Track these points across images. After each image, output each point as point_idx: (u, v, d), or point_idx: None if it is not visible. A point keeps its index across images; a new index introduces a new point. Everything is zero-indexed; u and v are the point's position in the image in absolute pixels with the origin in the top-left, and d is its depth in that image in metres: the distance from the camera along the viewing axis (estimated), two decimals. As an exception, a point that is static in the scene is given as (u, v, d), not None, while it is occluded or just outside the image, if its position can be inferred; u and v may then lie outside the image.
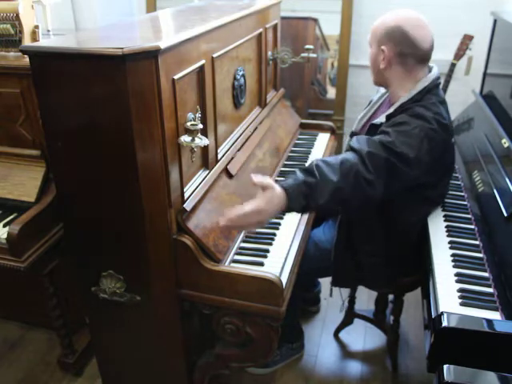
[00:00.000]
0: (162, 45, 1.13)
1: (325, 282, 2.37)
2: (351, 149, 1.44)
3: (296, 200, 1.32)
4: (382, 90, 1.80)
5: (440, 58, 3.07)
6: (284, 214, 1.70)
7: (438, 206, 1.72)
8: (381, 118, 1.59)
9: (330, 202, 1.34)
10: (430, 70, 1.61)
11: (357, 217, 1.65)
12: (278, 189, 1.31)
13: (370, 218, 1.62)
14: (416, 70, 1.56)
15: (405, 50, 1.52)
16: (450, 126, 1.53)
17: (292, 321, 1.96)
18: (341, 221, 1.71)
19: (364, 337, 2.20)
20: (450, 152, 1.59)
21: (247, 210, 1.30)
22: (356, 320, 2.17)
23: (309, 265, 1.72)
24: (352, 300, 2.10)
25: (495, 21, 2.26)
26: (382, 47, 1.54)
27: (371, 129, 1.61)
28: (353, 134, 1.81)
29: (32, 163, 1.69)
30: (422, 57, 1.55)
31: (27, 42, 1.69)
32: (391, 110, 1.57)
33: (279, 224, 1.65)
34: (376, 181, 1.37)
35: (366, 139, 1.45)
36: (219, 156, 1.63)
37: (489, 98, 2.22)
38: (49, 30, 2.01)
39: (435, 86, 1.56)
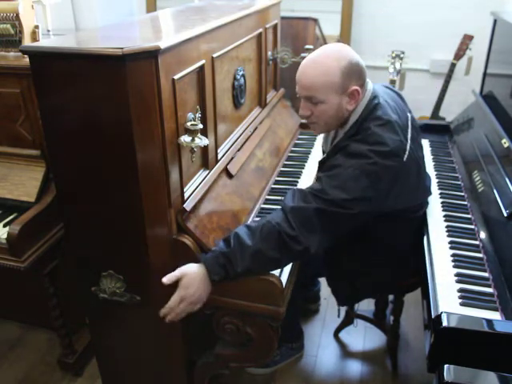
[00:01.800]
0: (162, 45, 1.13)
1: (324, 282, 2.36)
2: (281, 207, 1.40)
3: (214, 272, 1.31)
4: None
5: (440, 57, 3.08)
6: None
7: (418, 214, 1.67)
8: (322, 158, 1.54)
9: (251, 266, 1.30)
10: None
11: (331, 249, 1.57)
12: (192, 270, 1.32)
13: (347, 249, 1.61)
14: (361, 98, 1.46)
15: (364, 77, 1.44)
16: (397, 148, 1.36)
17: (292, 321, 1.96)
18: (323, 255, 1.68)
19: (364, 337, 2.20)
20: (409, 176, 1.43)
21: (171, 304, 1.33)
22: (356, 320, 2.17)
23: (308, 264, 1.72)
24: (352, 300, 2.10)
25: (495, 21, 2.26)
26: (353, 88, 1.39)
27: (319, 163, 1.57)
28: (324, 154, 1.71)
29: (32, 163, 1.69)
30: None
31: (27, 41, 1.69)
32: (325, 155, 1.51)
33: (279, 224, 1.65)
34: (300, 236, 1.31)
35: (295, 193, 1.39)
36: (219, 156, 1.63)
37: (489, 98, 2.22)
38: (49, 30, 2.01)
39: (371, 110, 1.42)
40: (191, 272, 1.32)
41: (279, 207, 1.40)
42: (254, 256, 1.30)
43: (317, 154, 2.20)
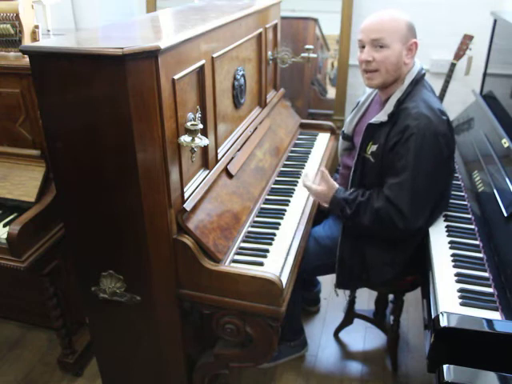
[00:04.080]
0: (162, 45, 1.13)
1: (325, 282, 2.37)
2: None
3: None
4: (368, 90, 1.82)
5: (440, 57, 3.08)
6: (284, 214, 1.70)
7: (443, 205, 1.71)
8: (379, 117, 1.60)
9: None
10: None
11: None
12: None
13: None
14: (414, 62, 1.65)
15: (416, 42, 1.61)
16: (443, 108, 1.60)
17: (291, 320, 1.95)
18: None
19: (364, 337, 2.20)
20: (453, 134, 1.62)
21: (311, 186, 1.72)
22: (356, 320, 2.17)
23: (309, 262, 1.72)
24: (352, 300, 2.10)
25: (495, 21, 2.26)
26: (414, 40, 1.58)
27: (369, 129, 1.63)
28: (345, 136, 1.83)
29: (32, 163, 1.69)
30: None
31: (27, 42, 1.69)
32: (391, 108, 1.58)
33: (279, 224, 1.65)
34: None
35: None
36: (219, 156, 1.63)
37: (489, 98, 2.22)
38: (49, 30, 2.01)
39: (421, 76, 1.63)
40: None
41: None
42: None
43: (317, 154, 2.20)
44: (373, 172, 1.63)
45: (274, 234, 1.60)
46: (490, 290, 1.35)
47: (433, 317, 1.26)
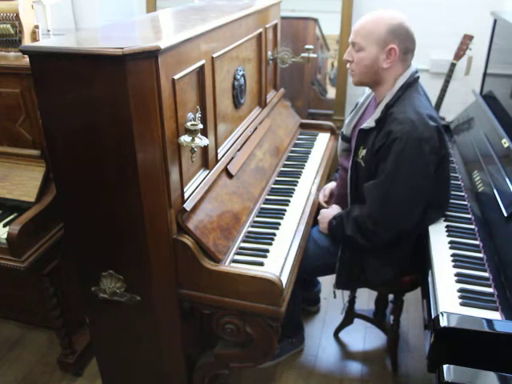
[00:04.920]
0: (162, 45, 1.13)
1: (325, 282, 2.37)
2: None
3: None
4: (368, 91, 1.81)
5: (440, 57, 3.08)
6: (284, 214, 1.71)
7: (441, 207, 1.71)
8: (369, 123, 1.60)
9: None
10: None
11: None
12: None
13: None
14: (409, 66, 1.60)
15: (409, 46, 1.56)
16: (434, 114, 1.56)
17: (292, 317, 1.95)
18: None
19: (364, 337, 2.20)
20: (444, 141, 1.58)
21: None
22: (356, 320, 2.17)
23: (309, 262, 1.72)
24: (352, 300, 2.10)
25: (495, 21, 2.26)
26: (392, 46, 1.52)
27: (361, 134, 1.63)
28: (343, 137, 1.83)
29: (32, 163, 1.69)
30: (413, 52, 1.59)
31: (27, 42, 1.69)
32: (378, 114, 1.58)
33: (279, 224, 1.65)
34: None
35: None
36: (219, 156, 1.63)
37: (489, 98, 2.22)
38: (49, 30, 2.02)
39: (414, 80, 1.60)
40: None
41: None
42: None
43: (317, 154, 2.20)
44: (364, 176, 1.63)
45: (274, 234, 1.60)
46: (490, 290, 1.35)
47: (433, 317, 1.27)
